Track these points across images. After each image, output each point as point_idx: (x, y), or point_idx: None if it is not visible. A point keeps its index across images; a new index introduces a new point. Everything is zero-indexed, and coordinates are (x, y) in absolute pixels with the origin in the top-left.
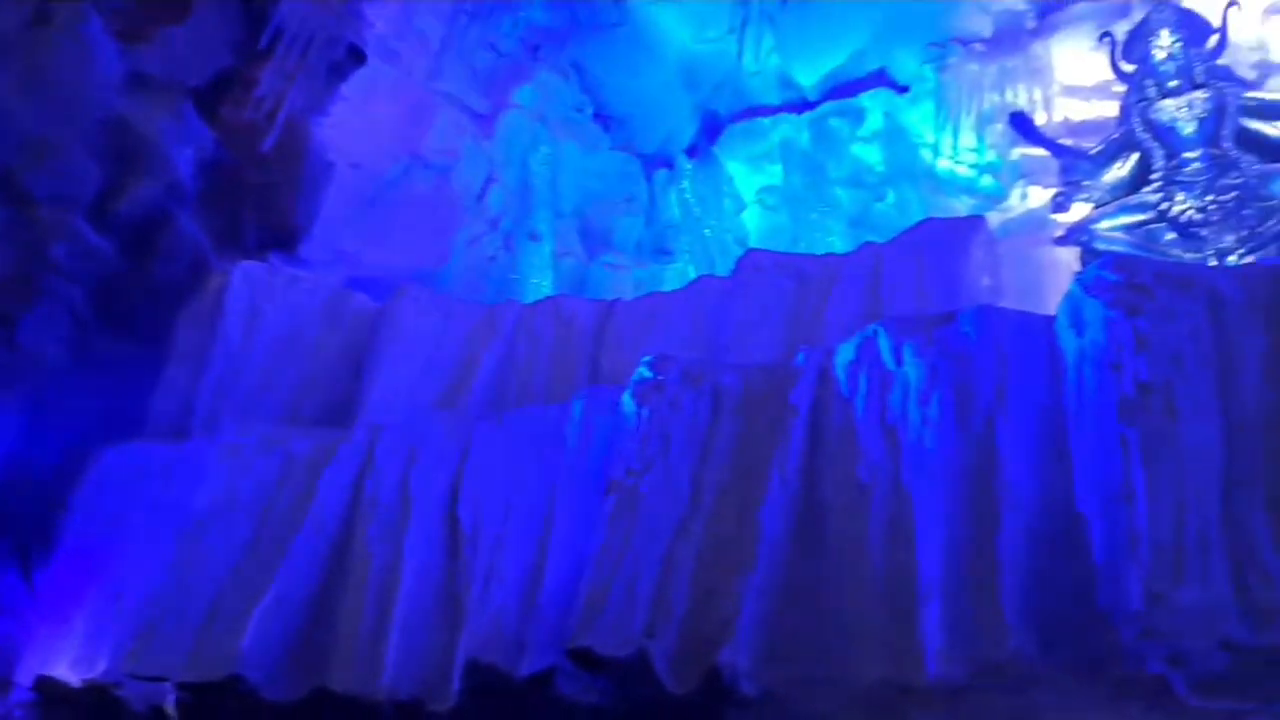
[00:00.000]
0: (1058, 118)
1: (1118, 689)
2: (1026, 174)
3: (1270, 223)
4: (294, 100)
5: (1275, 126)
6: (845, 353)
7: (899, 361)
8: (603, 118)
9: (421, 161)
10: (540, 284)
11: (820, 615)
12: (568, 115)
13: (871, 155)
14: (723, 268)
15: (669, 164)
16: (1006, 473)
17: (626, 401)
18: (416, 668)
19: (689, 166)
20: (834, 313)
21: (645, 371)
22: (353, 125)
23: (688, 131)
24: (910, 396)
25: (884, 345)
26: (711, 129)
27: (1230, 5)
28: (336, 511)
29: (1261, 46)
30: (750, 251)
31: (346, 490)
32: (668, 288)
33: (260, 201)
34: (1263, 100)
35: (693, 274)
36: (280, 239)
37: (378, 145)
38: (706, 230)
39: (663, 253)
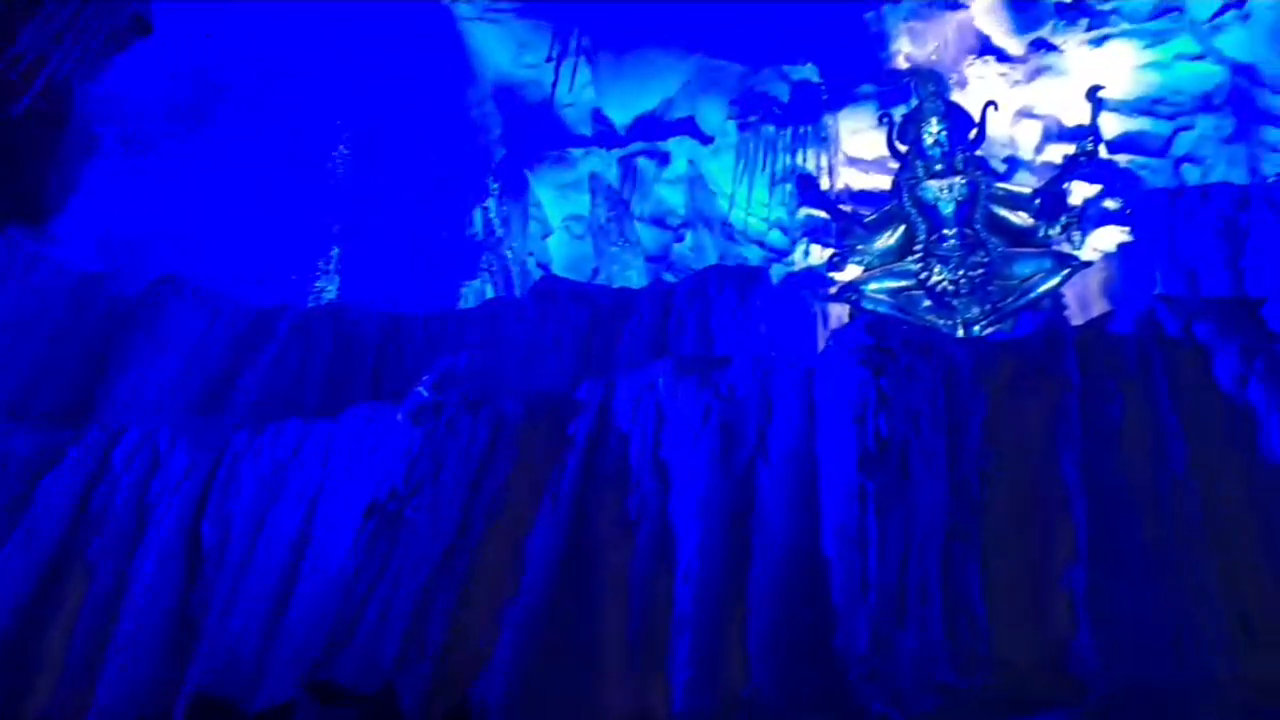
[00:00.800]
0: (840, 184)
1: None
2: (809, 232)
3: (1009, 299)
4: (59, 62)
5: (1018, 215)
6: (627, 388)
7: (676, 399)
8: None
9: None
10: (328, 289)
11: (577, 647)
12: None
13: (674, 197)
14: (520, 290)
15: (477, 181)
16: (762, 514)
17: (401, 421)
18: (132, 700)
19: (496, 186)
20: (624, 346)
21: (424, 391)
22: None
23: (498, 152)
24: (683, 434)
25: (663, 383)
26: (522, 153)
27: (988, 105)
28: (55, 520)
29: (1012, 144)
30: (547, 277)
31: (70, 497)
32: (464, 304)
33: (3, 167)
34: (1009, 191)
35: (490, 293)
36: (25, 211)
37: (154, 122)
38: (508, 251)
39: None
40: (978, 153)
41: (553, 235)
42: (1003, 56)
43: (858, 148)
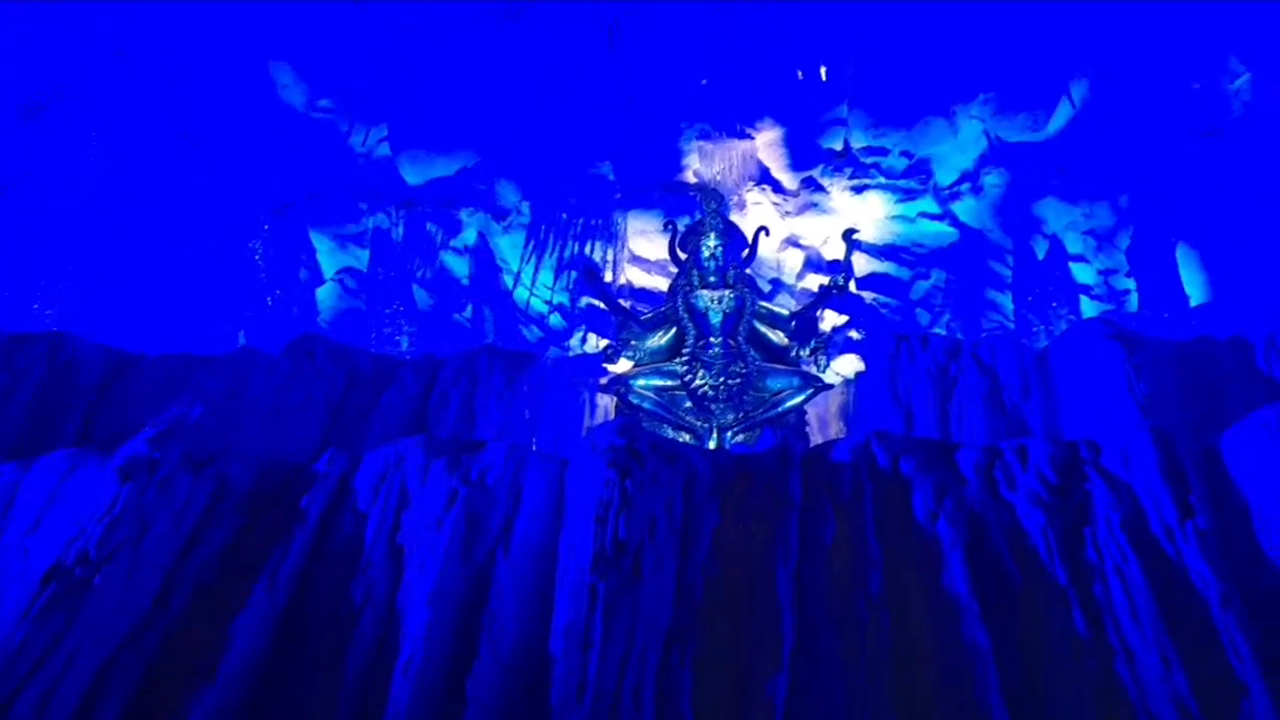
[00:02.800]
0: (623, 279)
1: None
2: (589, 321)
3: (760, 410)
4: None
5: (776, 333)
6: (373, 463)
7: (422, 481)
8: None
9: None
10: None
11: None
12: None
13: (459, 267)
14: (279, 341)
15: (247, 215)
16: (495, 608)
17: (108, 475)
18: None
19: (267, 227)
20: (380, 416)
21: (140, 445)
22: None
23: (278, 191)
24: (425, 519)
25: (412, 462)
26: (304, 196)
27: (761, 230)
28: None
29: (778, 267)
30: (307, 334)
31: None
32: (215, 349)
33: None
34: (771, 310)
35: (243, 340)
36: None
37: None
38: (269, 299)
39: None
40: (748, 271)
41: (324, 286)
42: (778, 188)
43: (643, 248)
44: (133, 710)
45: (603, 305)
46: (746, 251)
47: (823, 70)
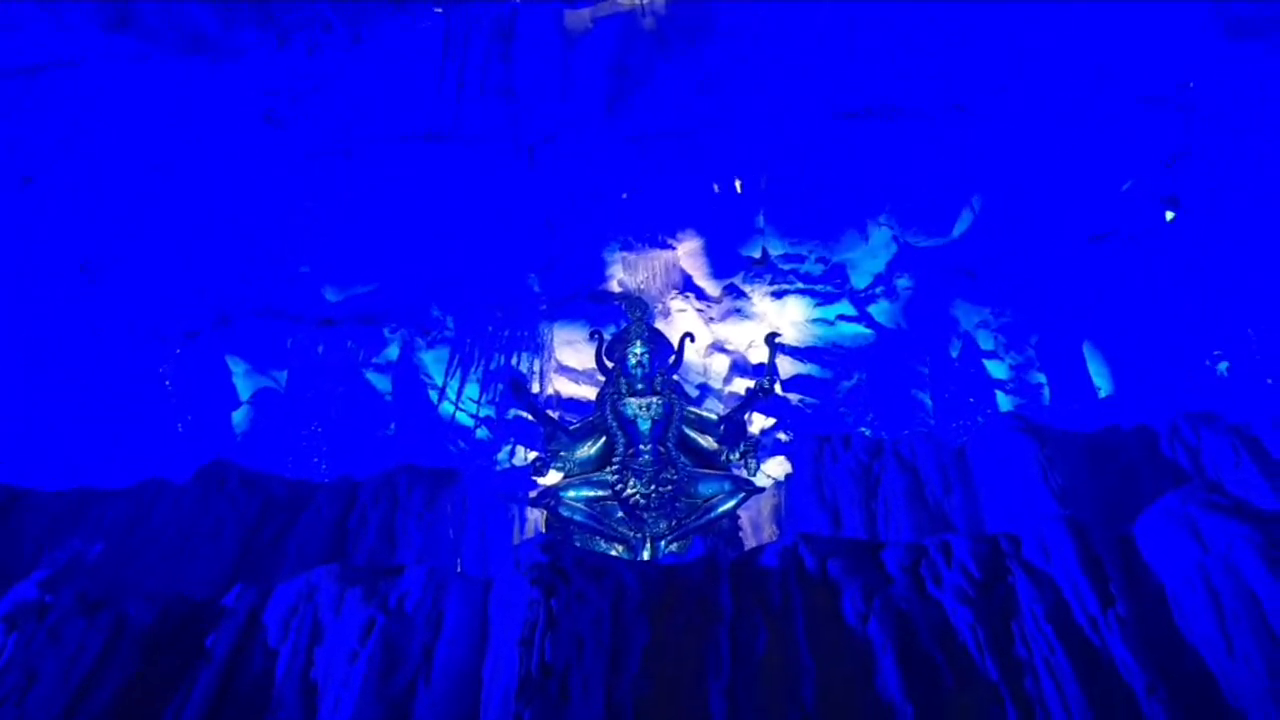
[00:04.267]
0: (550, 389)
1: None
2: (517, 434)
3: (693, 516)
4: None
5: (705, 438)
6: (284, 596)
7: (336, 612)
8: None
9: None
10: None
11: None
12: None
13: (382, 383)
14: (191, 469)
15: (161, 339)
16: None
17: None
18: None
19: (178, 351)
20: (295, 542)
21: (29, 589)
22: None
23: (188, 310)
24: (339, 652)
25: (325, 592)
26: (216, 315)
27: (686, 336)
28: None
29: (705, 372)
30: (217, 461)
31: None
32: (117, 482)
33: None
34: (699, 415)
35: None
36: None
37: None
38: (179, 425)
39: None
40: (675, 377)
41: (239, 410)
42: (701, 295)
43: (569, 357)
44: None
45: (530, 417)
46: (673, 358)
47: (738, 183)
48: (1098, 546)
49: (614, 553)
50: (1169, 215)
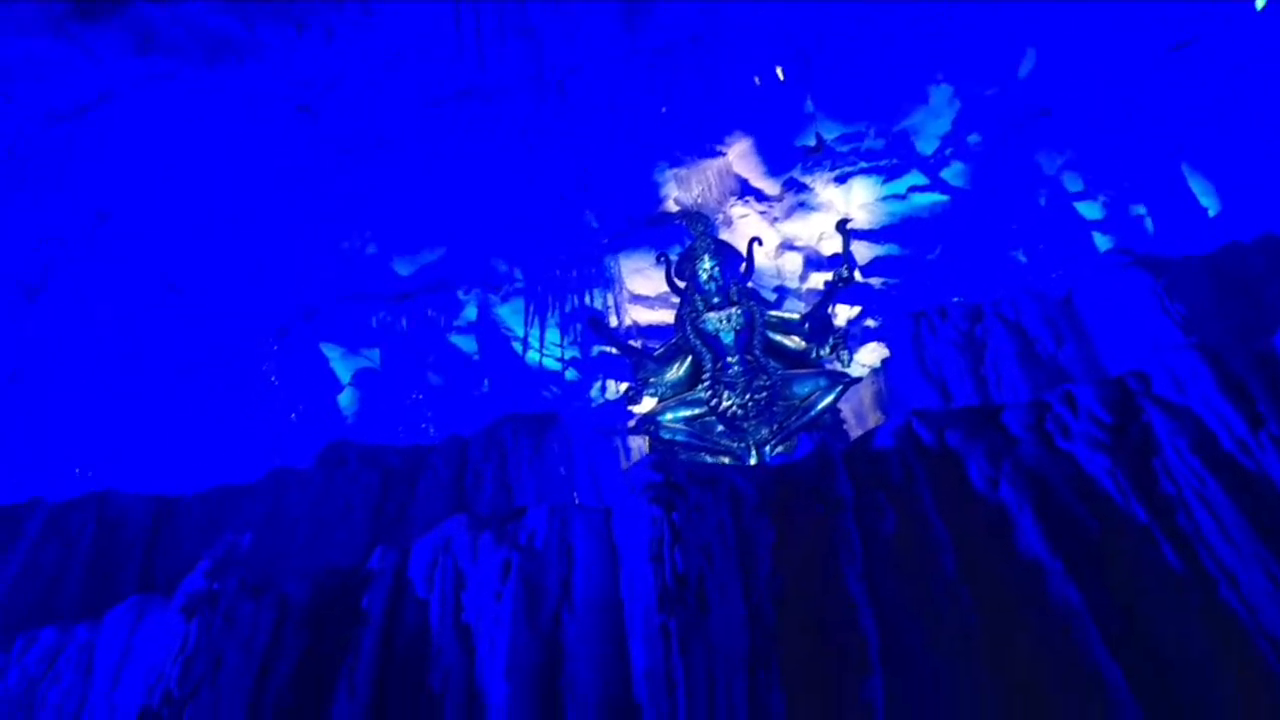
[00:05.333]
0: (628, 321)
1: None
2: (604, 369)
3: (794, 418)
4: None
5: (791, 339)
6: (422, 551)
7: (473, 558)
8: None
9: None
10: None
11: None
12: None
13: (467, 344)
14: (310, 455)
15: (258, 342)
16: (572, 669)
17: (173, 616)
18: None
19: (275, 347)
20: (419, 507)
21: (198, 580)
22: None
23: (280, 310)
24: (484, 594)
25: (459, 541)
26: (305, 309)
27: (753, 241)
28: None
29: (779, 274)
30: (334, 442)
31: None
32: (248, 477)
33: None
34: (781, 318)
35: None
36: None
37: None
38: (293, 415)
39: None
40: (749, 284)
41: (343, 393)
42: (761, 196)
43: (640, 286)
44: None
45: (614, 350)
46: (744, 266)
47: (779, 71)
48: (1236, 368)
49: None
50: (1259, 2)
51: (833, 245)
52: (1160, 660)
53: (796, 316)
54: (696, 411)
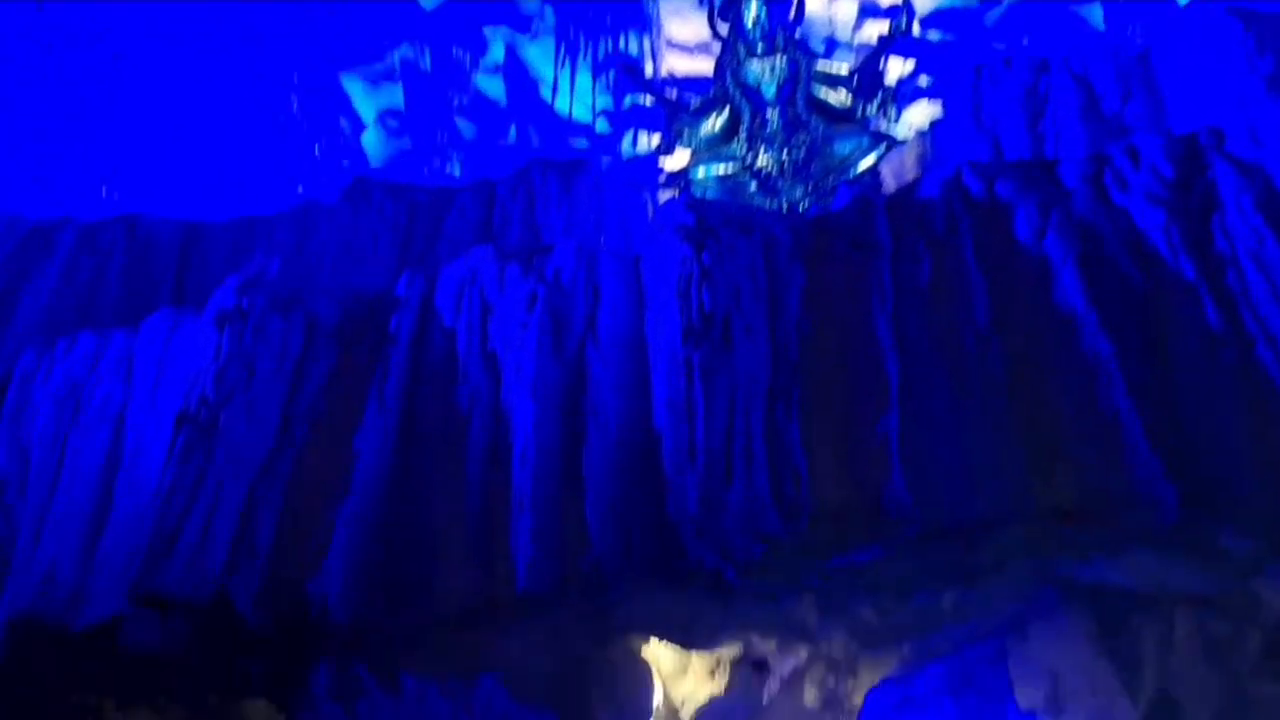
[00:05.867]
0: (664, 70)
1: (683, 583)
2: (636, 120)
3: (830, 178)
4: None
5: (837, 94)
6: (449, 280)
7: (500, 288)
8: None
9: None
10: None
11: (416, 538)
12: None
13: (493, 88)
14: (334, 191)
15: (280, 76)
16: (595, 395)
17: (206, 327)
18: None
19: (300, 81)
20: (445, 245)
21: (228, 296)
22: None
23: (301, 46)
24: (510, 323)
25: (486, 272)
26: (328, 46)
27: None
28: None
29: (830, 23)
30: (360, 178)
31: None
32: (272, 209)
33: None
34: (829, 71)
35: (301, 192)
36: None
37: None
38: (317, 149)
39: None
40: (797, 33)
41: (367, 131)
42: None
43: (679, 31)
44: (284, 524)
45: (648, 101)
46: (793, 11)
47: None
48: None
49: None
50: None
51: None
52: (1182, 415)
53: (845, 70)
54: (730, 168)
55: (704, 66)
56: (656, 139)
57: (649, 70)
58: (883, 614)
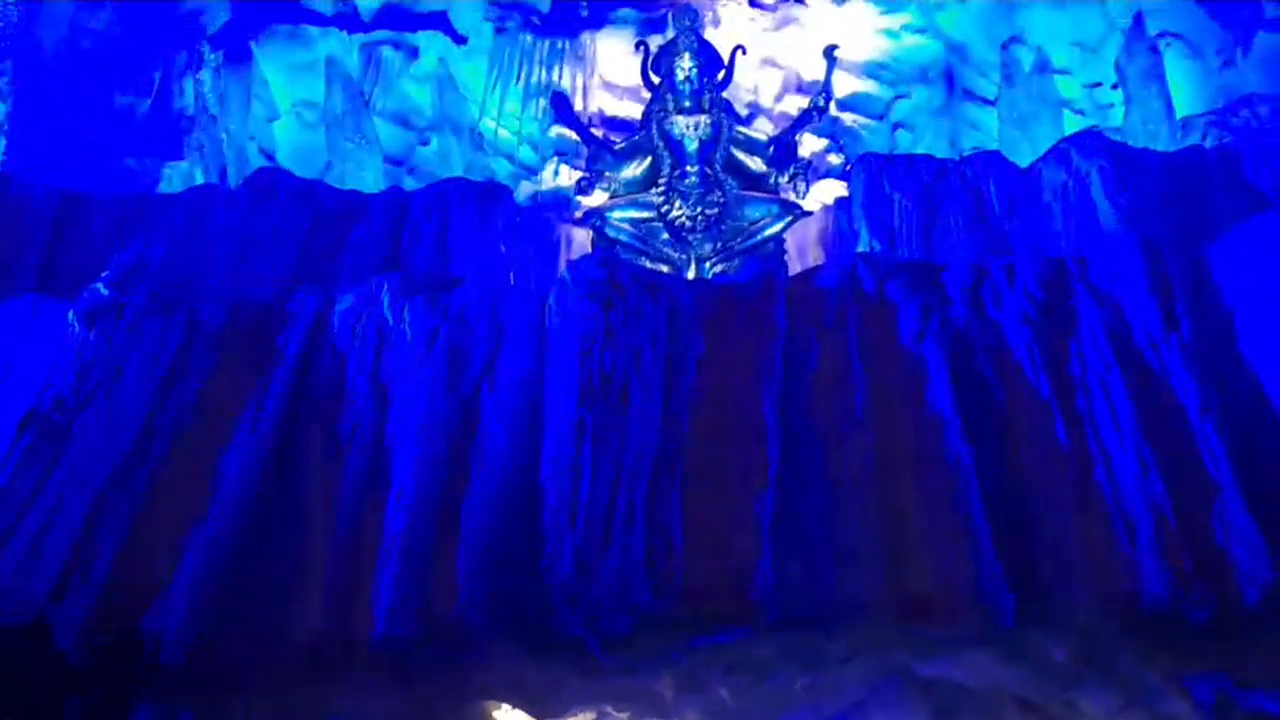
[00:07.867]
0: (594, 107)
1: (546, 649)
2: (560, 152)
3: (739, 240)
4: None
5: (753, 160)
6: (346, 301)
7: (402, 318)
8: None
9: None
10: None
11: (273, 573)
12: None
13: (421, 96)
14: (236, 178)
15: (190, 48)
16: (484, 440)
17: (72, 320)
18: None
19: (214, 56)
20: (350, 255)
21: (102, 288)
22: None
23: (220, 17)
24: (407, 356)
25: (388, 300)
26: (248, 22)
27: (737, 49)
28: None
29: (755, 90)
30: (267, 169)
31: None
32: (167, 189)
33: None
34: (748, 136)
35: (199, 179)
36: None
37: None
38: (223, 133)
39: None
40: (724, 95)
41: (279, 120)
42: (755, 2)
43: (613, 72)
44: (128, 547)
45: (574, 135)
46: (722, 73)
47: None
48: (1168, 269)
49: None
50: None
51: (815, 71)
52: (1025, 527)
53: (764, 138)
54: (645, 215)
55: (633, 110)
56: (578, 174)
57: (579, 105)
58: (738, 694)
